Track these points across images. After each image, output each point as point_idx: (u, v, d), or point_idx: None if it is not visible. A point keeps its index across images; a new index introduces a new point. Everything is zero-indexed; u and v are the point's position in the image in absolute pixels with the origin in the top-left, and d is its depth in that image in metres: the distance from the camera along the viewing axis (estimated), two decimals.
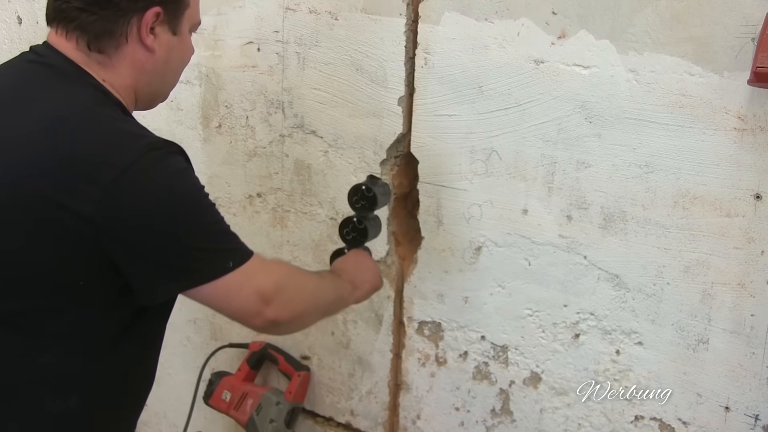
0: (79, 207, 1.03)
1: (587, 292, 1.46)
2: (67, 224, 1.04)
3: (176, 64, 1.27)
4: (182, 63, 1.28)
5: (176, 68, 1.27)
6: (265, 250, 1.89)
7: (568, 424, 1.53)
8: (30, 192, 1.05)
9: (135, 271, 1.09)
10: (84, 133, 1.07)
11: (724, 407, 1.36)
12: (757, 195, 1.26)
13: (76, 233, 1.04)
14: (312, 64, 1.71)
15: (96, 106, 1.12)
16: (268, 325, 1.18)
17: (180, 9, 1.22)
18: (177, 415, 2.12)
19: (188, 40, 1.27)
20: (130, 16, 1.16)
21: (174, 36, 1.22)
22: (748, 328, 1.31)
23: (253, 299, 1.15)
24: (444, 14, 1.51)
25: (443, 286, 1.64)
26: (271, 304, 1.16)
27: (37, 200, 1.04)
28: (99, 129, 1.08)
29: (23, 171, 1.06)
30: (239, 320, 1.18)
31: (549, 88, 1.42)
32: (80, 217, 1.03)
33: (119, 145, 1.07)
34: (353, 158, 1.70)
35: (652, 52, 1.31)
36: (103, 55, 1.16)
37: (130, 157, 1.05)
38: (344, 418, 1.87)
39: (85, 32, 1.15)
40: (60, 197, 1.03)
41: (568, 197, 1.44)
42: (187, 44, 1.28)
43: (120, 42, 1.16)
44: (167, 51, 1.22)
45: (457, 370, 1.66)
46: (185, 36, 1.26)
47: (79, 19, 1.14)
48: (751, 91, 1.24)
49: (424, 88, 1.57)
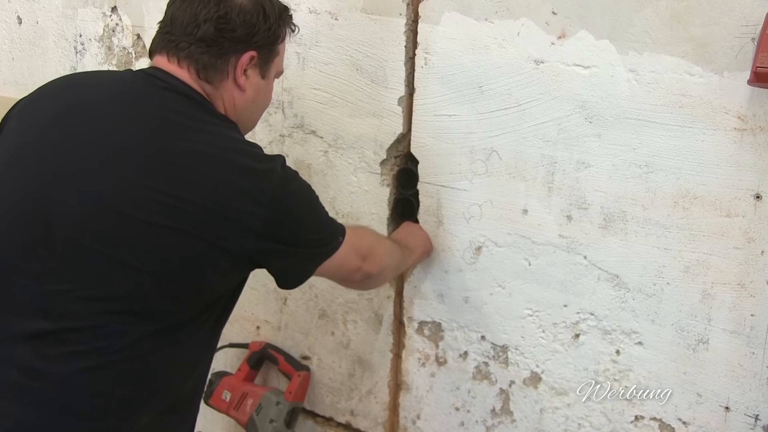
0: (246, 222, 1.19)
1: (587, 292, 1.46)
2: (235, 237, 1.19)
3: (260, 105, 1.40)
4: (265, 105, 1.42)
5: (260, 109, 1.41)
6: None
7: (568, 424, 1.53)
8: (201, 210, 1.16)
9: (280, 266, 1.29)
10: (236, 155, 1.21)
11: (724, 407, 1.36)
12: (757, 195, 1.26)
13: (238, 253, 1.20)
14: (312, 64, 1.71)
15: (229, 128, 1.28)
16: (363, 277, 1.40)
17: (271, 56, 1.34)
18: None
19: (272, 85, 1.40)
20: (230, 56, 1.27)
21: (262, 79, 1.34)
22: (748, 328, 1.31)
23: (356, 259, 1.37)
24: (444, 14, 1.51)
25: (443, 286, 1.64)
26: (367, 259, 1.39)
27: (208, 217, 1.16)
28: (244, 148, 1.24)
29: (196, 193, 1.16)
30: (344, 279, 1.42)
31: (549, 88, 1.42)
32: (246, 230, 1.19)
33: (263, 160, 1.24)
34: (353, 158, 1.70)
35: (652, 52, 1.31)
36: (210, 86, 1.28)
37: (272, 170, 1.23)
38: (344, 418, 1.87)
39: (195, 62, 1.26)
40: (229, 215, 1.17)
41: (568, 197, 1.44)
42: (271, 88, 1.40)
43: (222, 77, 1.28)
44: (255, 92, 1.34)
45: (457, 370, 1.66)
46: (270, 81, 1.38)
47: (189, 50, 1.25)
48: (751, 91, 1.24)
49: (424, 88, 1.57)
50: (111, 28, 2.08)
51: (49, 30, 2.22)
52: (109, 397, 1.17)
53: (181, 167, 1.16)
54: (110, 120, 1.19)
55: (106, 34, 2.09)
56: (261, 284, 1.92)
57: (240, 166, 1.19)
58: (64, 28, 2.18)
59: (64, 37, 2.19)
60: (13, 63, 2.33)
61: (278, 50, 1.36)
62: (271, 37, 1.32)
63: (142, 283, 1.15)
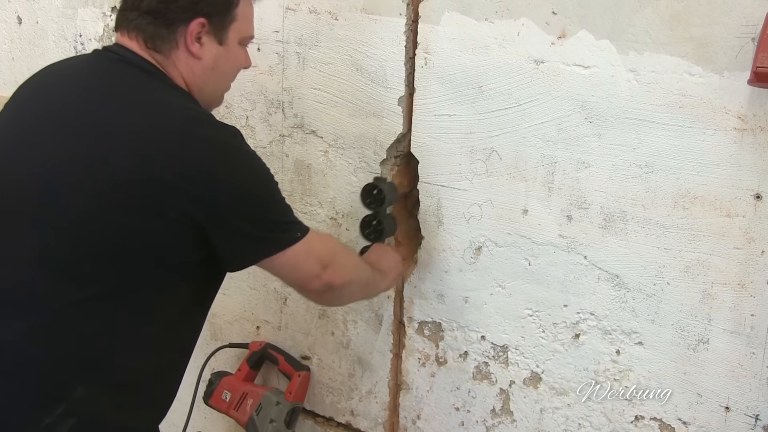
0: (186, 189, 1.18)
1: (587, 292, 1.46)
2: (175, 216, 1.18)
3: (224, 73, 1.39)
4: (230, 71, 1.41)
5: (225, 75, 1.40)
6: None
7: (569, 424, 1.53)
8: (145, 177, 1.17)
9: (224, 242, 1.23)
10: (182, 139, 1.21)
11: (724, 407, 1.35)
12: (757, 195, 1.26)
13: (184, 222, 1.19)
14: (312, 64, 1.71)
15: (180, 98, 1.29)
16: (324, 288, 1.33)
17: (226, 21, 1.33)
18: (177, 415, 2.12)
19: (237, 51, 1.38)
20: (178, 25, 1.29)
21: (220, 46, 1.34)
22: (748, 328, 1.31)
23: (315, 264, 1.31)
24: (444, 14, 1.51)
25: (443, 286, 1.64)
26: (328, 268, 1.32)
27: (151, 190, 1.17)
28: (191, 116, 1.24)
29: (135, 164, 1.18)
30: (300, 285, 1.34)
31: (549, 88, 1.42)
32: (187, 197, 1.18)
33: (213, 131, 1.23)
34: (353, 158, 1.70)
35: (652, 52, 1.31)
36: (161, 56, 1.30)
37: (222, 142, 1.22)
38: (344, 418, 1.87)
39: (141, 32, 1.29)
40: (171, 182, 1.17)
41: (568, 197, 1.44)
42: (236, 54, 1.38)
43: (171, 46, 1.30)
44: (214, 59, 1.34)
45: (457, 370, 1.66)
46: (233, 47, 1.36)
47: (136, 22, 1.30)
48: (751, 91, 1.23)
49: (424, 88, 1.57)
50: (111, 28, 2.08)
51: (49, 30, 2.22)
52: (41, 361, 1.19)
53: (116, 134, 1.20)
54: (61, 96, 1.28)
55: (106, 33, 2.09)
56: (261, 284, 1.92)
57: (179, 130, 1.20)
58: (64, 28, 2.18)
59: (64, 37, 2.19)
60: (13, 63, 2.33)
61: (235, 15, 1.34)
62: (222, 3, 1.32)
63: (76, 247, 1.18)
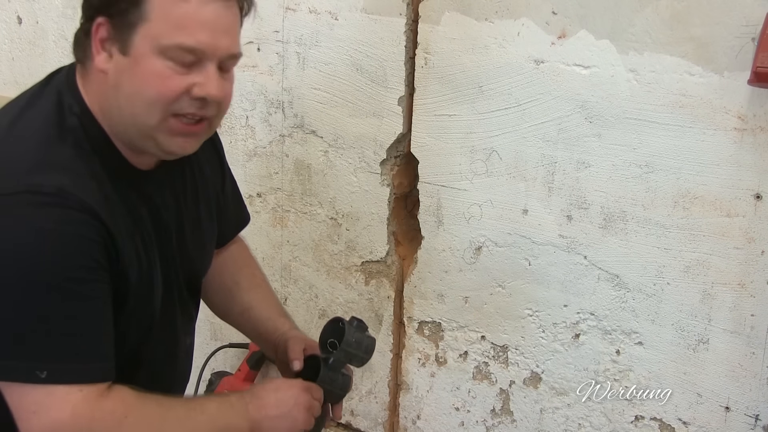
0: None
1: (587, 292, 1.46)
2: None
3: (128, 93, 0.96)
4: (139, 93, 0.95)
5: (130, 99, 0.96)
6: (265, 250, 1.89)
7: (569, 424, 1.53)
8: None
9: None
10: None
11: (724, 407, 1.35)
12: (757, 195, 1.26)
13: None
14: (312, 64, 1.71)
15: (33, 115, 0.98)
16: None
17: (130, 23, 0.94)
18: None
19: (150, 64, 0.94)
20: (87, 27, 0.97)
21: (123, 57, 0.95)
22: (749, 328, 1.31)
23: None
24: (444, 14, 1.50)
25: (443, 286, 1.64)
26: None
27: None
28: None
29: None
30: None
31: (549, 88, 1.42)
32: None
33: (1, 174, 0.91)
34: (353, 158, 1.70)
35: (652, 52, 1.31)
36: (82, 67, 1.01)
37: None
38: (344, 418, 1.87)
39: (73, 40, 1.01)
40: None
41: (568, 197, 1.44)
42: (147, 69, 0.94)
43: (87, 56, 0.99)
44: (117, 75, 0.96)
45: (457, 370, 1.66)
46: (143, 58, 0.94)
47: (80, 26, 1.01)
48: (751, 91, 1.23)
49: (424, 88, 1.57)
50: None
51: (49, 30, 2.22)
52: None
53: None
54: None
55: None
56: None
57: None
58: (64, 28, 2.18)
59: (64, 37, 2.19)
60: (13, 63, 2.33)
61: (143, 13, 0.93)
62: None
63: None
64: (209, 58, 0.96)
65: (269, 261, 1.89)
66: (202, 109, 0.98)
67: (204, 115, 0.99)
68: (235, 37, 1.00)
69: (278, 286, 1.89)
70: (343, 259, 1.77)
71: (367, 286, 1.75)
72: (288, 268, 1.87)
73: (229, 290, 1.30)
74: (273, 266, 1.89)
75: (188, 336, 1.21)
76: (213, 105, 0.99)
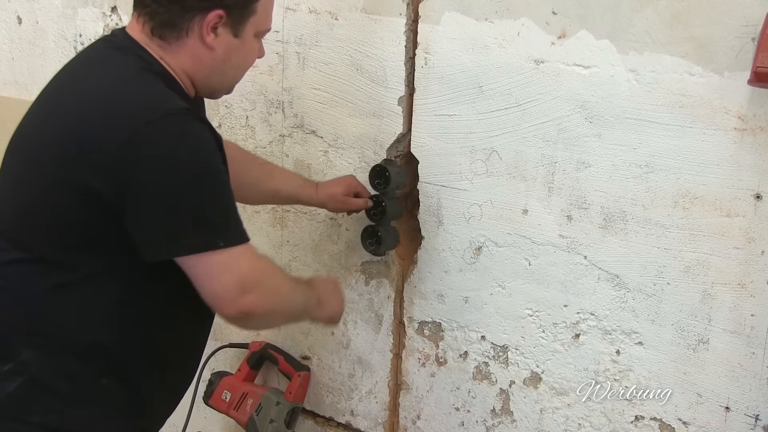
0: (97, 162, 1.14)
1: (587, 292, 1.46)
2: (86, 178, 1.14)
3: (235, 66, 1.34)
4: (243, 64, 1.36)
5: (236, 68, 1.35)
6: (265, 250, 1.89)
7: (569, 425, 1.53)
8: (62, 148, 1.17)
9: (135, 226, 1.16)
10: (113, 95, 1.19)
11: (724, 407, 1.35)
12: (757, 195, 1.26)
13: (95, 186, 1.14)
14: (312, 64, 1.71)
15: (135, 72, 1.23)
16: (238, 315, 1.20)
17: (245, 15, 1.28)
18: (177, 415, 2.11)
19: (252, 43, 1.33)
20: (194, 14, 1.24)
21: (235, 38, 1.29)
22: (749, 328, 1.31)
23: (232, 285, 1.18)
24: (444, 14, 1.51)
25: (443, 286, 1.64)
26: (248, 294, 1.19)
27: (67, 156, 1.16)
28: (128, 90, 1.20)
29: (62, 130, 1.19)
30: (211, 302, 1.20)
31: (549, 88, 1.42)
32: (97, 170, 1.14)
33: (143, 105, 1.16)
34: (353, 158, 1.70)
35: (652, 52, 1.31)
36: (164, 42, 1.26)
37: (149, 116, 1.14)
38: (344, 418, 1.87)
39: (152, 19, 1.25)
40: (83, 154, 1.14)
41: (568, 197, 1.44)
42: (250, 47, 1.33)
43: (180, 35, 1.25)
44: (226, 51, 1.29)
45: (457, 370, 1.66)
46: (248, 40, 1.31)
47: (150, 8, 1.25)
48: (751, 91, 1.23)
49: (424, 88, 1.57)
50: (111, 28, 2.08)
51: (49, 30, 2.22)
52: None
53: (66, 108, 1.22)
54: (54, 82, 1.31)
55: (106, 33, 2.09)
56: None
57: (115, 103, 1.17)
58: (64, 28, 2.18)
59: (64, 37, 2.19)
60: (13, 63, 2.33)
61: (255, 8, 1.29)
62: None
63: (21, 217, 1.23)
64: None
65: None
66: None
67: None
68: None
69: None
70: (343, 259, 1.77)
71: (367, 286, 1.75)
72: (288, 268, 1.87)
73: (253, 185, 1.61)
74: None
75: None
76: None
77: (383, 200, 1.61)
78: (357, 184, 1.63)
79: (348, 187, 1.62)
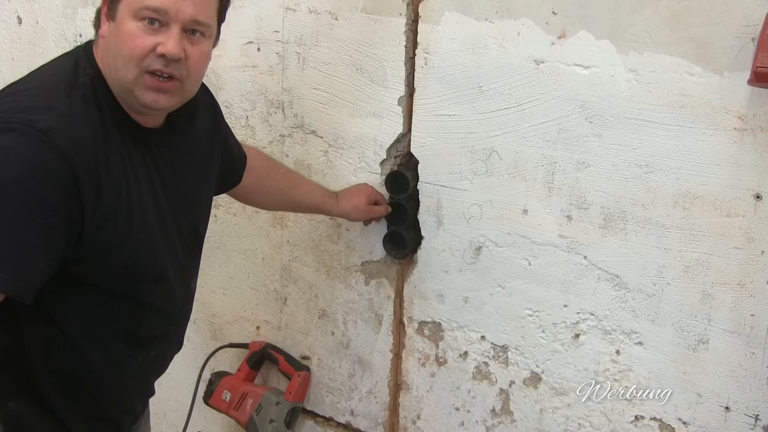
0: None
1: (587, 292, 1.46)
2: None
3: (114, 53, 1.14)
4: (120, 51, 1.13)
5: (115, 56, 1.14)
6: (266, 250, 1.89)
7: (568, 424, 1.53)
8: None
9: None
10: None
11: (724, 407, 1.35)
12: (757, 195, 1.26)
13: None
14: (312, 64, 1.71)
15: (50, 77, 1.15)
16: None
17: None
18: (177, 415, 2.12)
19: (127, 25, 1.12)
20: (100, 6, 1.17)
21: (112, 22, 1.14)
22: (748, 328, 1.31)
23: None
24: (444, 14, 1.51)
25: (443, 286, 1.64)
26: None
27: None
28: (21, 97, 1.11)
29: None
30: None
31: (549, 88, 1.42)
32: None
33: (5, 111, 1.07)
34: (353, 158, 1.70)
35: (652, 52, 1.31)
36: (97, 38, 1.19)
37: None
38: (344, 418, 1.87)
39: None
40: None
41: (568, 197, 1.44)
42: (124, 30, 1.12)
43: (98, 25, 1.18)
44: (108, 38, 1.15)
45: (457, 370, 1.66)
46: (123, 21, 1.12)
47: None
48: (751, 91, 1.23)
49: (424, 88, 1.57)
50: None
51: (49, 30, 2.22)
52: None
53: None
54: None
55: None
56: (261, 284, 1.92)
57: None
58: (64, 28, 2.18)
59: (64, 37, 2.19)
60: (13, 63, 2.33)
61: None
62: None
63: None
64: (173, 20, 1.13)
65: (269, 261, 1.89)
66: (167, 67, 1.14)
67: (172, 74, 1.15)
68: (204, 6, 1.16)
69: (278, 286, 1.89)
70: (343, 259, 1.77)
71: (367, 286, 1.75)
72: (288, 268, 1.87)
73: (275, 195, 1.62)
74: (273, 266, 1.89)
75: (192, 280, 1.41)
76: (180, 65, 1.15)
77: (405, 205, 1.62)
78: (375, 192, 1.64)
79: (369, 196, 1.63)
